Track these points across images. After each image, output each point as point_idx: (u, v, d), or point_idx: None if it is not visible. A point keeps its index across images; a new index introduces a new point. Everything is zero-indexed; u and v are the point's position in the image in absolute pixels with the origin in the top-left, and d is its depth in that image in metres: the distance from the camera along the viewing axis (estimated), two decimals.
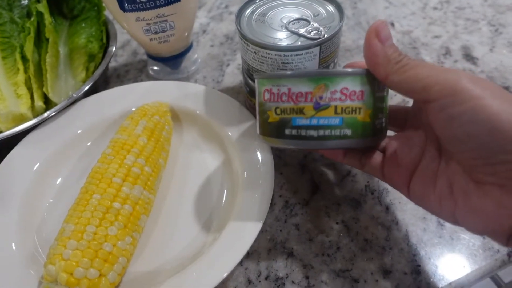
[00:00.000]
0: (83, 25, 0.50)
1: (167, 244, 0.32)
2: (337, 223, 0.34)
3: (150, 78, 0.49)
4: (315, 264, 0.31)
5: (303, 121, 0.27)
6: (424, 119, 0.27)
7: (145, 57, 0.52)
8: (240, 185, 0.34)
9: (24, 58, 0.44)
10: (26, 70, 0.43)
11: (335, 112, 0.27)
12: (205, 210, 0.35)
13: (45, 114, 0.39)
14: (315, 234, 0.33)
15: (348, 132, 0.27)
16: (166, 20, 0.40)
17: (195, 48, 0.48)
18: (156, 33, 0.41)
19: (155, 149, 0.35)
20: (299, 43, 0.34)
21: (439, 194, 0.25)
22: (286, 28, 0.36)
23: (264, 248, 0.32)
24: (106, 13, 0.50)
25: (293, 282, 0.30)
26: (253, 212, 0.31)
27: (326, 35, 0.34)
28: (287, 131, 0.28)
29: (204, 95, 0.41)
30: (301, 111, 0.27)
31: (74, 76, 0.46)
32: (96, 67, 0.48)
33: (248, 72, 0.38)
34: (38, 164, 0.37)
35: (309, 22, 0.36)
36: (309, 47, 0.33)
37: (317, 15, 0.36)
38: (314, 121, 0.27)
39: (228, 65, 0.50)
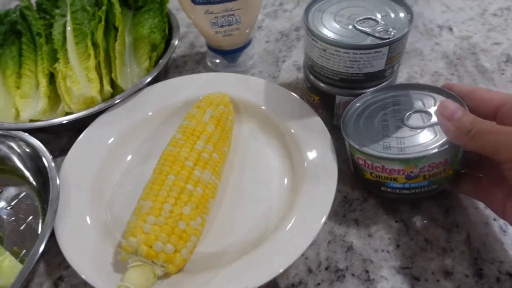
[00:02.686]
0: (146, 16, 0.52)
1: (230, 228, 0.34)
2: (396, 221, 0.34)
3: (207, 69, 0.51)
4: (375, 259, 0.32)
5: (397, 185, 0.32)
6: None
7: (202, 49, 0.54)
8: (301, 176, 0.35)
9: (94, 45, 0.46)
10: (96, 56, 0.45)
11: (424, 178, 0.31)
12: (265, 198, 0.36)
13: (116, 98, 0.41)
14: (375, 231, 0.34)
15: (435, 186, 0.32)
16: (233, 14, 0.41)
17: (252, 43, 0.50)
18: (222, 26, 0.42)
19: (221, 137, 0.36)
20: (367, 42, 0.35)
21: None
22: (354, 26, 0.36)
23: (323, 240, 0.33)
24: (169, 5, 0.52)
25: (353, 274, 0.31)
26: (317, 203, 0.32)
27: (395, 36, 0.34)
28: (382, 188, 0.34)
29: (264, 88, 0.42)
30: (394, 179, 0.32)
31: (139, 65, 0.48)
32: (158, 57, 0.50)
33: (312, 68, 0.39)
34: (110, 142, 0.39)
35: (377, 22, 0.36)
36: (379, 46, 0.34)
37: (385, 15, 0.37)
38: (406, 185, 0.32)
39: (283, 61, 0.51)
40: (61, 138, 0.45)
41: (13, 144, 0.39)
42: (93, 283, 0.29)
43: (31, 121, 0.43)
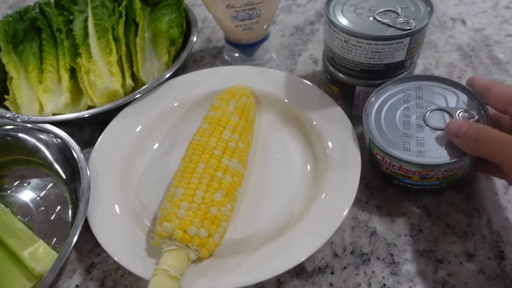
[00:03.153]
0: (164, 11, 0.53)
1: (255, 216, 0.35)
2: (418, 207, 0.35)
3: (225, 63, 0.52)
4: (399, 243, 0.33)
5: (410, 182, 0.34)
6: None
7: (218, 44, 0.55)
8: (324, 165, 0.36)
9: (115, 40, 0.47)
10: (117, 51, 0.46)
11: (437, 179, 0.33)
12: (288, 186, 0.37)
13: (139, 91, 0.42)
14: (397, 216, 0.34)
15: (445, 185, 0.34)
16: (253, 8, 0.42)
17: (270, 37, 0.50)
18: (242, 20, 0.43)
19: (245, 127, 0.37)
20: (389, 33, 0.35)
21: None
22: (375, 18, 0.37)
23: (348, 226, 0.34)
24: (186, 0, 0.52)
25: (378, 258, 0.32)
26: (342, 190, 0.33)
27: (416, 27, 0.35)
28: (395, 181, 0.35)
29: (284, 80, 0.43)
30: (409, 177, 0.33)
31: (158, 59, 0.49)
32: (177, 51, 0.51)
33: (333, 60, 0.40)
34: (134, 133, 0.40)
35: (397, 14, 0.37)
36: (400, 37, 0.35)
37: (405, 7, 0.38)
38: (419, 183, 0.34)
39: (299, 54, 0.52)
40: (84, 131, 0.46)
41: (40, 136, 0.40)
42: (129, 268, 0.30)
43: (53, 115, 0.44)
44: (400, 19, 0.36)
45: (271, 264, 0.30)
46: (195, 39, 0.49)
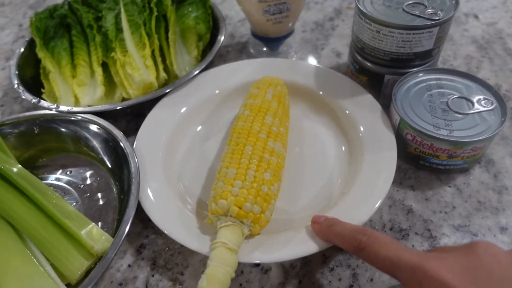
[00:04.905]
0: (190, 9, 0.55)
1: (296, 196, 0.37)
2: (449, 186, 0.37)
3: (250, 57, 0.53)
4: (435, 219, 0.35)
5: (436, 161, 0.37)
6: None
7: (242, 39, 0.57)
8: (359, 148, 0.38)
9: (147, 35, 0.49)
10: (150, 45, 0.48)
11: (462, 159, 0.36)
12: (324, 169, 0.38)
13: (176, 83, 0.44)
14: (430, 195, 0.36)
15: (466, 165, 0.37)
16: (284, 3, 0.44)
17: (294, 32, 0.52)
18: (273, 14, 0.45)
19: (283, 113, 0.39)
20: (419, 23, 0.38)
21: None
22: (403, 9, 0.39)
23: (384, 204, 0.36)
24: None
25: (416, 233, 0.34)
26: (381, 171, 0.35)
27: (444, 17, 0.37)
28: (421, 162, 0.38)
29: (312, 71, 0.45)
30: (436, 156, 0.36)
31: (189, 53, 0.51)
32: (204, 46, 0.53)
33: (362, 50, 0.42)
34: (173, 121, 0.42)
35: (425, 6, 0.39)
36: (431, 26, 0.37)
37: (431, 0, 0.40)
38: (444, 162, 0.36)
39: (322, 48, 0.54)
40: (119, 123, 0.47)
41: (83, 126, 0.41)
42: (186, 244, 0.31)
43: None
44: (428, 10, 0.39)
45: (317, 240, 0.31)
46: (223, 35, 0.51)
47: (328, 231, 0.30)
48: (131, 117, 0.48)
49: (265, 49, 0.52)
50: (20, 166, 0.36)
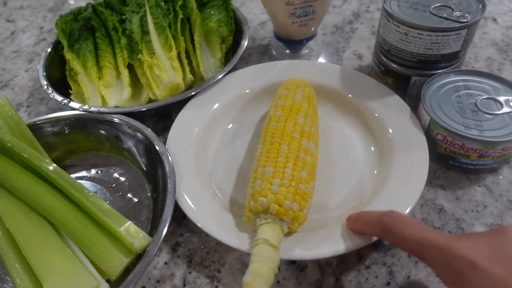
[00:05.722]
0: (212, 12, 0.55)
1: (329, 194, 0.37)
2: (479, 186, 0.37)
3: (272, 60, 0.54)
4: (467, 218, 0.35)
5: (466, 161, 0.37)
6: None
7: (262, 42, 0.58)
8: (389, 148, 0.38)
9: (173, 37, 0.49)
10: (176, 47, 0.49)
11: (492, 158, 0.36)
12: (355, 168, 0.39)
13: (202, 85, 0.45)
14: (461, 195, 0.37)
15: (495, 165, 0.38)
16: (310, 5, 0.45)
17: (317, 35, 0.53)
18: (299, 16, 0.46)
19: (313, 113, 0.39)
20: (447, 25, 0.38)
21: None
22: (430, 12, 0.40)
23: (416, 204, 0.36)
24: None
25: (449, 231, 0.34)
26: (413, 171, 0.35)
27: (471, 20, 0.38)
28: (450, 162, 0.38)
29: (338, 73, 0.46)
30: (467, 156, 0.36)
31: (213, 55, 0.51)
32: (227, 49, 0.54)
33: (388, 52, 0.43)
34: (202, 122, 0.43)
35: (452, 8, 0.40)
36: (459, 28, 0.38)
37: (457, 2, 0.41)
38: (475, 162, 0.37)
39: (343, 51, 0.54)
40: (146, 123, 0.47)
41: (114, 126, 0.42)
42: (226, 242, 0.31)
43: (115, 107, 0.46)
44: (456, 13, 0.39)
45: (354, 237, 0.32)
46: (247, 37, 0.52)
47: (357, 222, 0.31)
48: (157, 118, 0.48)
49: (287, 51, 0.53)
50: (55, 165, 0.37)
